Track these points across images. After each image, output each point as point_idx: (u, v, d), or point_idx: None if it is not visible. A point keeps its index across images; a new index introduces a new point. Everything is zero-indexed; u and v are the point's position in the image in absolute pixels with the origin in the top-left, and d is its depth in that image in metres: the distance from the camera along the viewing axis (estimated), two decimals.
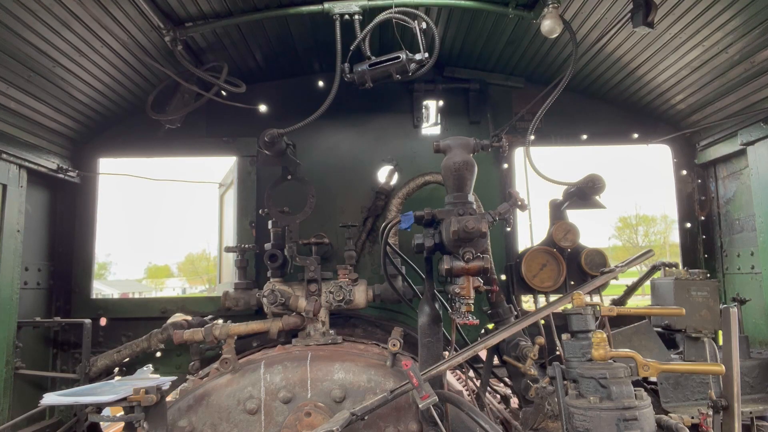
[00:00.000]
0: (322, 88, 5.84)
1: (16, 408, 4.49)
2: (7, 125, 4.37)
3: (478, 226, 3.08)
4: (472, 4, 4.37)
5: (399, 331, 3.87)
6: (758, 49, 4.11)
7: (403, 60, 3.93)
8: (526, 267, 5.08)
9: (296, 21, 4.68)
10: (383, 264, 3.94)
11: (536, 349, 3.83)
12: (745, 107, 4.73)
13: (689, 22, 4.13)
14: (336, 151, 5.85)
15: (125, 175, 5.83)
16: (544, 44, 5.06)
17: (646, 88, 5.35)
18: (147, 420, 3.35)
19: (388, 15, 3.97)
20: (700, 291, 4.01)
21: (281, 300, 4.12)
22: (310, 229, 5.01)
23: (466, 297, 3.22)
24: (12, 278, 4.51)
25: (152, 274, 68.76)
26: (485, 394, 4.21)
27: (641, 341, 4.04)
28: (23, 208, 4.66)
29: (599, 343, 2.79)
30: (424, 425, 3.17)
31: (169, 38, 4.30)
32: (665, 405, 3.79)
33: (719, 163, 5.53)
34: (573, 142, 5.93)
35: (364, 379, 3.40)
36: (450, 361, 3.30)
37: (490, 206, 3.71)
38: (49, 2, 3.64)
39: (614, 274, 4.07)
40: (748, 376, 3.99)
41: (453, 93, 5.91)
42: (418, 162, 5.73)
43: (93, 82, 4.67)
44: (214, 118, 5.75)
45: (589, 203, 5.02)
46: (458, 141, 3.52)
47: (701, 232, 5.70)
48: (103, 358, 4.82)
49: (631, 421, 2.57)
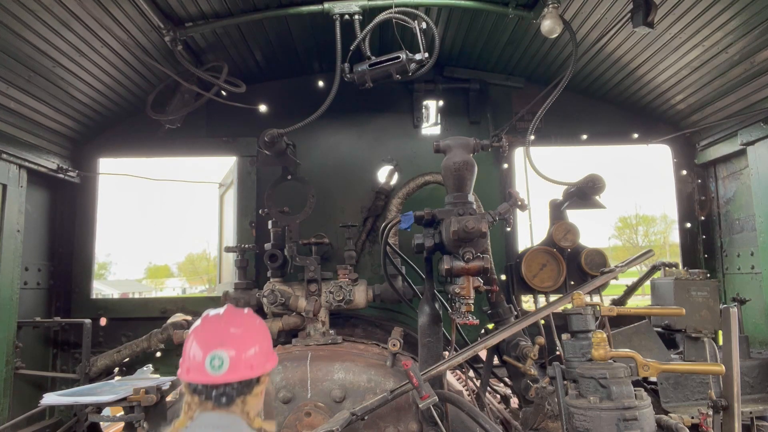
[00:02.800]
0: (322, 88, 5.83)
1: (16, 408, 4.49)
2: (7, 125, 4.36)
3: (478, 226, 3.08)
4: (472, 4, 4.37)
5: (399, 331, 3.86)
6: (758, 49, 4.11)
7: (403, 60, 3.93)
8: (526, 267, 5.08)
9: (296, 21, 4.68)
10: (383, 264, 3.95)
11: (536, 349, 3.83)
12: (745, 107, 4.73)
13: (689, 22, 4.13)
14: (336, 151, 5.85)
15: (125, 175, 5.84)
16: (544, 44, 5.06)
17: (646, 88, 5.35)
18: (147, 420, 3.35)
19: (388, 15, 3.97)
20: (700, 291, 4.00)
21: (281, 300, 4.12)
22: (310, 229, 5.01)
23: (466, 297, 3.23)
24: (12, 278, 4.51)
25: (152, 274, 68.74)
26: (485, 394, 4.21)
27: (641, 341, 4.04)
28: (23, 208, 4.66)
29: (599, 343, 2.80)
30: (424, 425, 3.17)
31: (169, 38, 4.30)
32: (665, 405, 3.79)
33: (719, 163, 5.52)
34: (573, 142, 5.93)
35: (364, 379, 3.40)
36: (450, 361, 3.30)
37: (490, 206, 3.71)
38: (49, 2, 3.63)
39: (614, 274, 4.08)
40: (748, 376, 3.98)
41: (453, 93, 5.91)
42: (418, 162, 5.73)
43: (93, 82, 4.67)
44: (214, 118, 5.75)
45: (589, 203, 5.02)
46: (458, 141, 3.52)
47: (701, 232, 5.70)
48: (103, 358, 4.82)
49: (631, 421, 2.57)
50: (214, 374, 2.01)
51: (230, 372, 2.03)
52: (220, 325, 2.14)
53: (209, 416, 2.02)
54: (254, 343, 2.15)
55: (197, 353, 2.06)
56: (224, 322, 2.16)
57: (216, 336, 2.10)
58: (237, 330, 2.13)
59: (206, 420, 2.01)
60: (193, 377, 2.04)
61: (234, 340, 2.10)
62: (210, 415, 2.02)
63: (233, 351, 2.05)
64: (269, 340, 2.23)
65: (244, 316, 2.22)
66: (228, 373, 2.02)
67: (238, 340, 2.10)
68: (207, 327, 2.14)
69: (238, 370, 2.04)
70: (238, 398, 2.05)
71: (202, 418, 2.02)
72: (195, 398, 2.05)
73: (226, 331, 2.12)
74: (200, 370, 2.03)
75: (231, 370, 2.03)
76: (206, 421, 2.01)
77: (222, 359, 2.02)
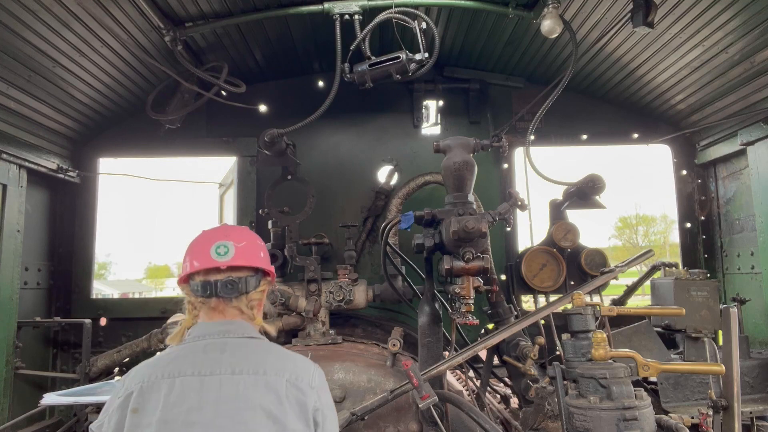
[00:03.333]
0: (322, 88, 5.83)
1: (16, 408, 4.49)
2: (7, 125, 4.36)
3: (478, 226, 3.08)
4: (472, 4, 4.37)
5: (399, 331, 3.86)
6: (758, 49, 4.11)
7: (403, 60, 3.93)
8: (526, 267, 5.08)
9: (296, 21, 4.68)
10: (383, 264, 3.95)
11: (536, 349, 3.83)
12: (745, 107, 4.73)
13: (689, 22, 4.13)
14: (336, 151, 5.85)
15: (125, 175, 5.83)
16: (544, 44, 5.06)
17: (646, 88, 5.35)
18: None
19: (388, 15, 3.97)
20: (700, 291, 4.00)
21: (281, 300, 4.11)
22: (310, 229, 5.00)
23: (466, 297, 3.22)
24: (12, 278, 4.51)
25: (152, 274, 68.73)
26: (485, 394, 4.20)
27: (641, 341, 4.03)
28: (23, 208, 4.66)
29: (599, 343, 2.79)
30: (424, 425, 3.17)
31: (169, 38, 4.30)
32: (665, 405, 3.79)
33: (719, 163, 5.52)
34: (573, 142, 5.93)
35: (364, 379, 3.39)
36: (450, 361, 3.30)
37: (490, 206, 3.71)
38: (49, 2, 3.63)
39: (614, 274, 4.07)
40: (748, 376, 3.98)
41: (453, 93, 5.91)
42: (418, 162, 5.73)
43: (93, 82, 4.67)
44: (214, 118, 5.75)
45: (589, 203, 5.02)
46: (458, 141, 3.52)
47: (701, 232, 5.70)
48: (103, 358, 4.81)
49: (631, 421, 2.57)
50: (220, 260, 1.95)
51: (237, 257, 1.97)
52: (219, 228, 2.12)
53: (212, 316, 1.96)
54: (258, 243, 2.12)
55: (201, 247, 2.00)
56: (223, 227, 2.15)
57: (218, 232, 2.06)
58: (239, 231, 2.10)
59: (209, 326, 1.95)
60: (200, 263, 1.96)
61: (238, 233, 2.06)
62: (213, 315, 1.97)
63: (239, 242, 2.00)
64: (266, 249, 2.18)
65: (242, 227, 2.19)
66: (235, 257, 1.96)
67: (242, 234, 2.06)
68: (206, 233, 2.09)
69: (245, 256, 1.99)
70: (242, 294, 1.97)
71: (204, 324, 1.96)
72: (198, 298, 1.98)
73: (228, 229, 2.10)
74: (206, 258, 1.96)
75: (238, 256, 1.97)
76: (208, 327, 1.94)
77: (228, 247, 1.97)
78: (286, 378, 1.83)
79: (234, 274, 1.97)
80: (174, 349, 1.96)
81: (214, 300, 1.96)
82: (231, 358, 1.84)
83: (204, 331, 1.94)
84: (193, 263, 1.99)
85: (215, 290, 1.94)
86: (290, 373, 1.85)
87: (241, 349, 1.89)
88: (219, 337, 1.91)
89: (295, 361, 1.95)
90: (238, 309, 1.99)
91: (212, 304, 1.97)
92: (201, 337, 1.92)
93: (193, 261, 2.00)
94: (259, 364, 1.84)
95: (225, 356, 1.85)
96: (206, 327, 1.95)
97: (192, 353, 1.87)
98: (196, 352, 1.87)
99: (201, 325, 1.97)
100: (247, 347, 1.91)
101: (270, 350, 1.96)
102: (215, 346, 1.88)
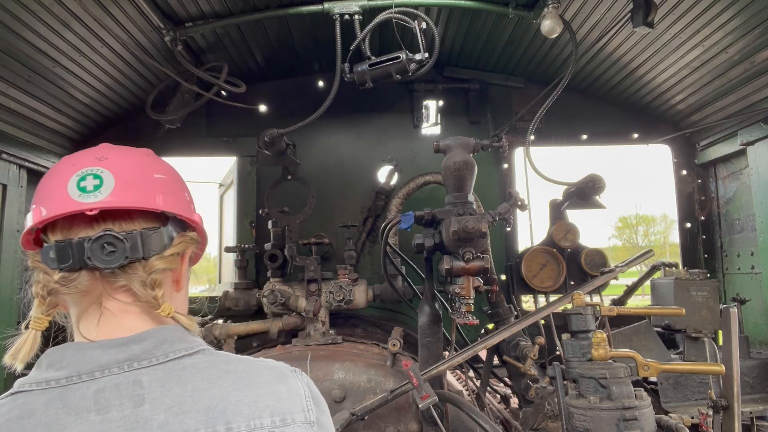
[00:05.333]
0: (322, 88, 5.83)
1: None
2: (7, 125, 4.36)
3: (478, 226, 3.08)
4: (472, 4, 4.37)
5: (399, 331, 3.86)
6: (758, 49, 4.11)
7: (403, 60, 3.93)
8: (526, 267, 5.08)
9: (296, 21, 4.68)
10: (383, 264, 3.94)
11: (536, 349, 3.83)
12: (745, 107, 4.73)
13: (689, 22, 4.13)
14: (336, 151, 5.84)
15: None
16: (544, 44, 5.06)
17: (646, 88, 5.35)
18: None
19: (388, 15, 3.97)
20: (700, 291, 4.00)
21: (281, 300, 4.12)
22: (310, 229, 5.01)
23: (466, 297, 3.22)
24: (12, 278, 4.51)
25: None
26: (485, 394, 4.21)
27: (641, 341, 4.04)
28: (23, 208, 4.65)
29: (599, 343, 2.79)
30: (424, 425, 3.17)
31: (169, 38, 4.30)
32: (665, 405, 3.79)
33: (719, 163, 5.52)
34: (573, 142, 5.93)
35: (364, 379, 3.39)
36: (450, 361, 3.30)
37: (490, 206, 3.71)
38: (49, 2, 3.63)
39: (614, 274, 4.07)
40: (748, 376, 3.98)
41: (453, 93, 5.91)
42: (418, 162, 5.72)
43: (93, 82, 4.67)
44: (214, 118, 5.74)
45: (589, 203, 5.02)
46: (458, 141, 3.52)
47: (701, 232, 5.70)
48: None
49: (631, 421, 2.57)
50: (86, 200, 1.10)
51: (117, 192, 1.13)
52: (90, 150, 1.24)
53: (89, 314, 1.17)
54: (162, 170, 1.27)
55: (53, 184, 1.15)
56: (100, 146, 1.26)
57: (87, 155, 1.21)
58: (127, 153, 1.25)
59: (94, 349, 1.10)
60: (51, 208, 1.11)
61: (124, 156, 1.22)
62: (89, 310, 1.16)
63: (123, 169, 1.17)
64: (186, 188, 1.35)
65: (141, 149, 1.32)
66: (113, 194, 1.12)
67: (131, 157, 1.23)
68: (67, 159, 1.23)
69: (134, 192, 1.15)
70: (135, 261, 1.11)
71: (85, 345, 1.13)
72: (55, 275, 1.10)
73: (107, 150, 1.23)
74: (62, 198, 1.11)
75: (118, 190, 1.13)
76: (95, 352, 1.09)
77: (100, 176, 1.13)
78: (268, 426, 1.06)
79: (117, 225, 1.13)
80: (16, 405, 1.11)
81: (83, 276, 1.12)
82: (160, 413, 1.01)
83: (87, 362, 1.09)
84: (40, 210, 1.14)
85: (82, 256, 1.09)
86: (271, 413, 1.08)
87: (174, 388, 1.05)
88: (121, 371, 1.07)
89: (271, 383, 1.13)
90: (129, 291, 1.15)
91: (82, 285, 1.13)
92: (84, 376, 1.08)
93: (40, 207, 1.15)
94: (215, 410, 1.03)
95: (145, 411, 1.01)
96: (90, 352, 1.11)
97: (65, 418, 1.01)
98: (77, 412, 1.01)
99: (77, 348, 1.15)
100: (183, 380, 1.07)
101: (226, 373, 1.11)
102: (120, 393, 1.03)
